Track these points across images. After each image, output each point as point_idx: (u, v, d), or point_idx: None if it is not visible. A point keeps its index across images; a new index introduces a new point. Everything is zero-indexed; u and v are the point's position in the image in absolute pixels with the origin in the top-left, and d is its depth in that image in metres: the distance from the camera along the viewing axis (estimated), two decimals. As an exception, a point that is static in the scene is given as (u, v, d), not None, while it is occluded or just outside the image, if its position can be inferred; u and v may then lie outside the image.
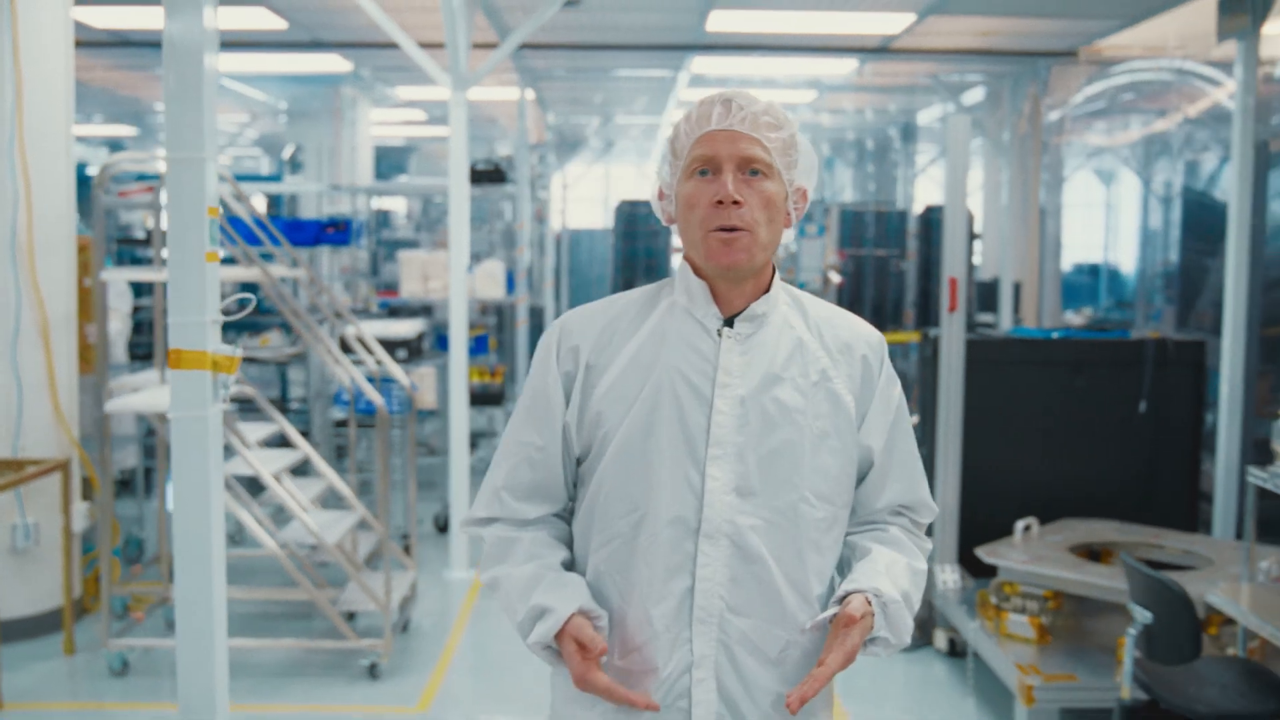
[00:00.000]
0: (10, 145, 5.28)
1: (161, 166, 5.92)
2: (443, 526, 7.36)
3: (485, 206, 10.92)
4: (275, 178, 11.28)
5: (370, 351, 6.02)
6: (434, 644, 5.47)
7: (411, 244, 11.35)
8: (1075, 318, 12.13)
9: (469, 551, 6.50)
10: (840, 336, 1.94)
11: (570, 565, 1.94)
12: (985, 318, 11.04)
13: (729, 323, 1.89)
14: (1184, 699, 3.46)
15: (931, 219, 10.75)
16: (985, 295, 11.35)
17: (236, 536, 7.01)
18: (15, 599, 5.39)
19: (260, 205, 9.66)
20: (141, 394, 5.20)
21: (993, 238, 11.65)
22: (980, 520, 5.42)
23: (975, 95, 11.71)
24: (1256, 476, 3.71)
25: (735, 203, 1.81)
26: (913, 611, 1.89)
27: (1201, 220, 8.35)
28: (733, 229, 1.82)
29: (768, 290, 1.92)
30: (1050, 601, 4.72)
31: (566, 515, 1.99)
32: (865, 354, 1.93)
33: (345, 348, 6.50)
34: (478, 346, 8.80)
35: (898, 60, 9.58)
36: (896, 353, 9.69)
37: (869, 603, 1.80)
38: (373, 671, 5.05)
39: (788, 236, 1.97)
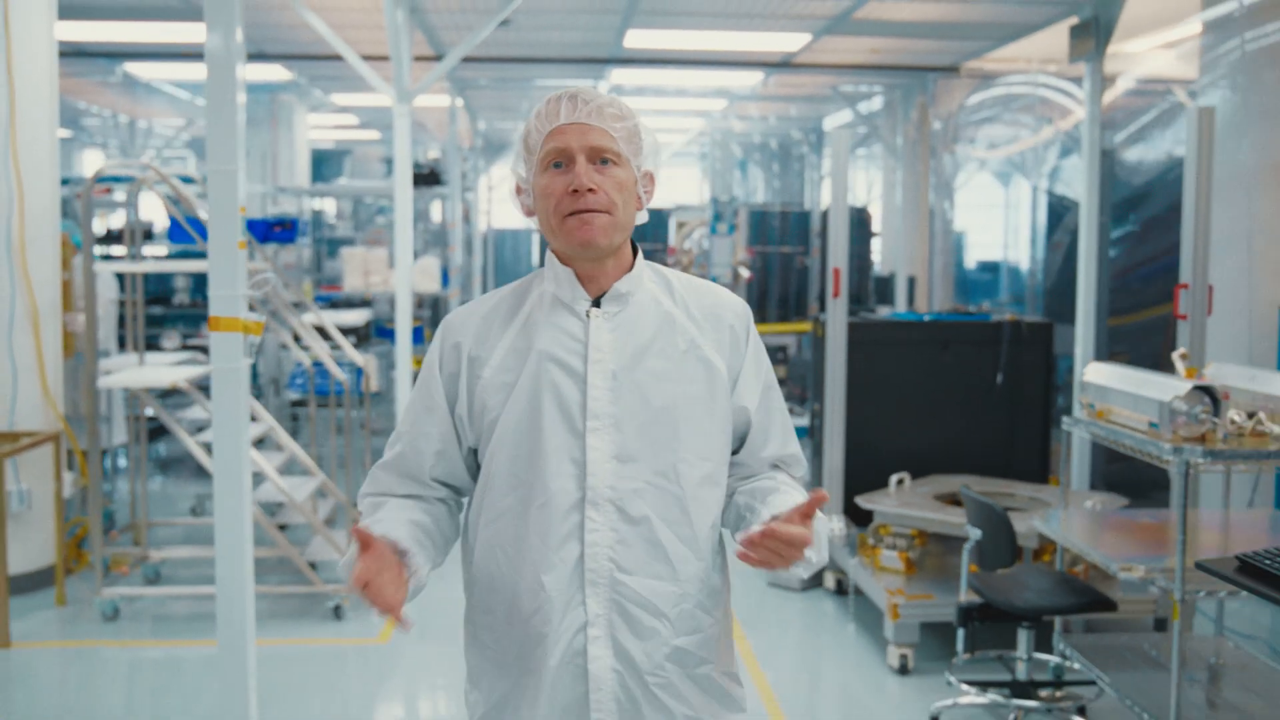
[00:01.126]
0: (4, 151, 5.92)
1: (136, 173, 6.60)
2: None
3: (416, 207, 11.64)
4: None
5: (328, 338, 6.74)
6: (388, 592, 6.21)
7: (347, 242, 12.03)
8: (971, 309, 13.11)
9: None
10: (706, 306, 2.07)
11: (428, 529, 2.04)
12: (884, 309, 11.98)
13: (597, 303, 2.01)
14: (1007, 598, 4.35)
15: (825, 217, 11.64)
16: (883, 288, 12.30)
17: (199, 509, 7.68)
18: (12, 557, 6.02)
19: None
20: (128, 372, 5.88)
21: (890, 235, 12.61)
22: (862, 477, 6.28)
23: (875, 104, 12.68)
24: (1067, 422, 4.62)
25: (590, 190, 1.93)
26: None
27: (1061, 220, 9.36)
28: (589, 210, 1.94)
29: (630, 270, 2.03)
30: (916, 539, 5.61)
31: (448, 500, 2.12)
32: (732, 322, 2.07)
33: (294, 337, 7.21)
34: (414, 336, 9.54)
35: (799, 73, 10.49)
36: (793, 342, 10.58)
37: None
38: (337, 613, 5.79)
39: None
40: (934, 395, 6.52)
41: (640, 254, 2.07)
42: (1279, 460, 3.81)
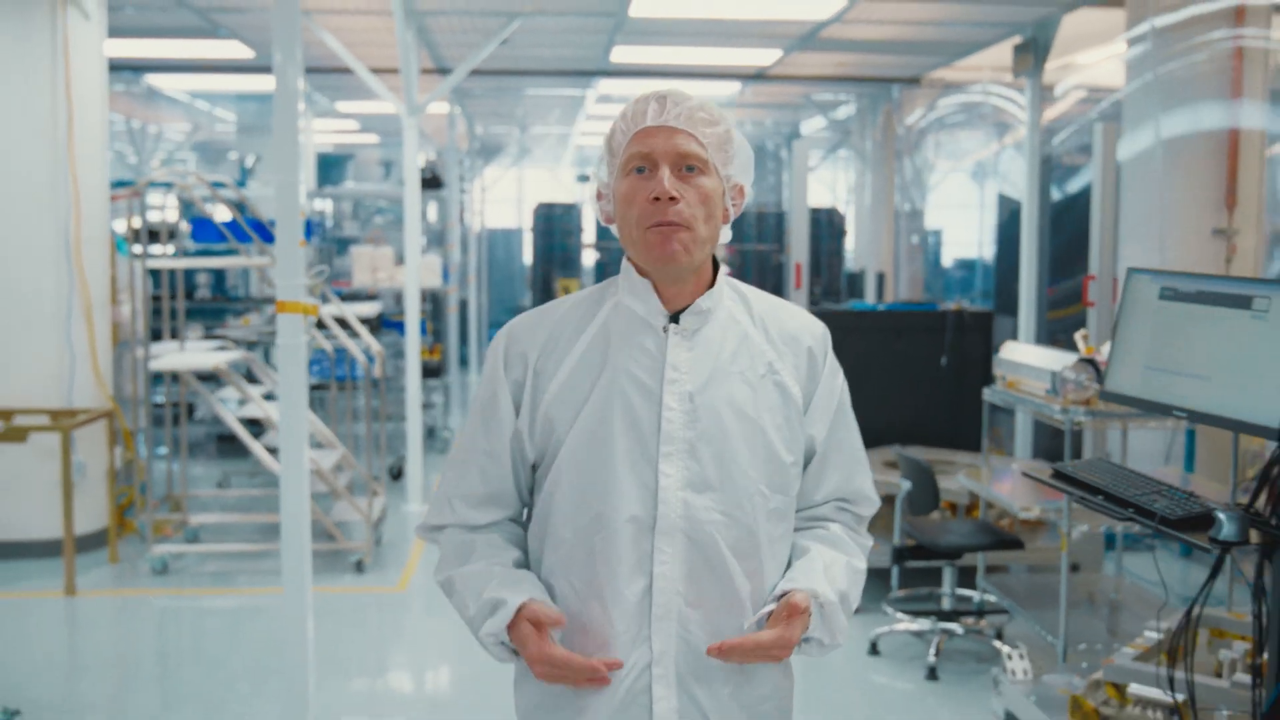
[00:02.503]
0: (63, 161, 6.70)
1: (175, 180, 7.40)
2: (396, 475, 8.88)
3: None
4: (240, 183, 12.67)
5: (347, 327, 7.54)
6: (401, 551, 7.02)
7: (350, 240, 12.81)
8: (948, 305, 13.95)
9: (422, 490, 8.03)
10: (785, 328, 1.94)
11: (524, 566, 1.96)
12: (855, 302, 12.80)
13: (674, 319, 1.88)
14: (933, 539, 5.17)
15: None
16: (854, 283, 13.13)
17: (224, 483, 8.47)
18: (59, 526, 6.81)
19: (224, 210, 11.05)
20: (175, 356, 6.68)
21: (862, 234, 13.44)
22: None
23: (847, 110, 13.51)
24: (987, 393, 5.44)
25: (672, 199, 1.81)
26: (849, 611, 1.90)
27: (1013, 221, 10.20)
28: (670, 224, 1.82)
29: (711, 286, 1.91)
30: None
31: (520, 520, 2.01)
32: (810, 345, 1.94)
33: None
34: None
35: (773, 84, 11.31)
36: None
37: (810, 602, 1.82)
38: (359, 567, 6.59)
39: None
40: (887, 376, 7.33)
41: (723, 266, 1.97)
42: (1143, 419, 4.63)
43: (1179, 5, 6.97)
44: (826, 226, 11.87)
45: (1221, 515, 2.52)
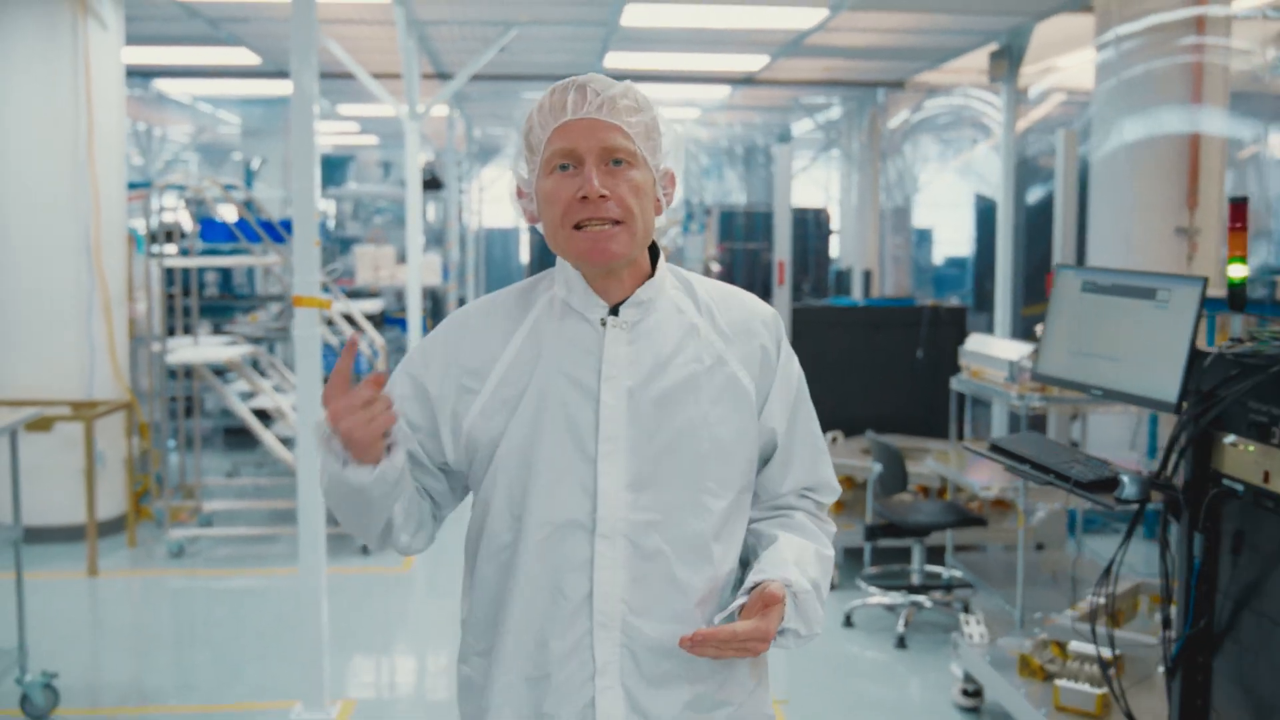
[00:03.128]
0: (84, 165, 7.06)
1: (191, 183, 7.76)
2: (398, 465, 9.25)
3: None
4: (246, 184, 13.05)
5: (353, 322, 7.90)
6: (405, 536, 7.39)
7: (352, 240, 13.19)
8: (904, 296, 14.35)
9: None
10: (734, 317, 1.85)
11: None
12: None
13: (614, 311, 1.79)
14: (903, 518, 5.55)
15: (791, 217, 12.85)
16: (842, 281, 13.50)
17: (233, 473, 8.83)
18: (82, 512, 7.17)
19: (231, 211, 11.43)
20: (191, 350, 7.05)
21: (849, 233, 13.81)
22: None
23: (835, 113, 13.88)
24: (954, 382, 5.81)
25: (602, 196, 1.71)
26: (822, 600, 1.81)
27: (989, 220, 10.58)
28: (602, 221, 1.72)
29: (651, 275, 1.82)
30: (844, 484, 6.80)
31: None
32: (763, 335, 1.85)
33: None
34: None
35: (761, 89, 11.68)
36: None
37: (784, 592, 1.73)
38: (365, 550, 6.96)
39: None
40: (865, 368, 7.71)
41: (663, 256, 1.86)
42: (1092, 403, 5.01)
43: (1143, 13, 7.34)
44: (814, 226, 12.24)
45: (1125, 478, 2.89)
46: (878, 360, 7.73)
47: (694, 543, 1.77)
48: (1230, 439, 2.93)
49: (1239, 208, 3.00)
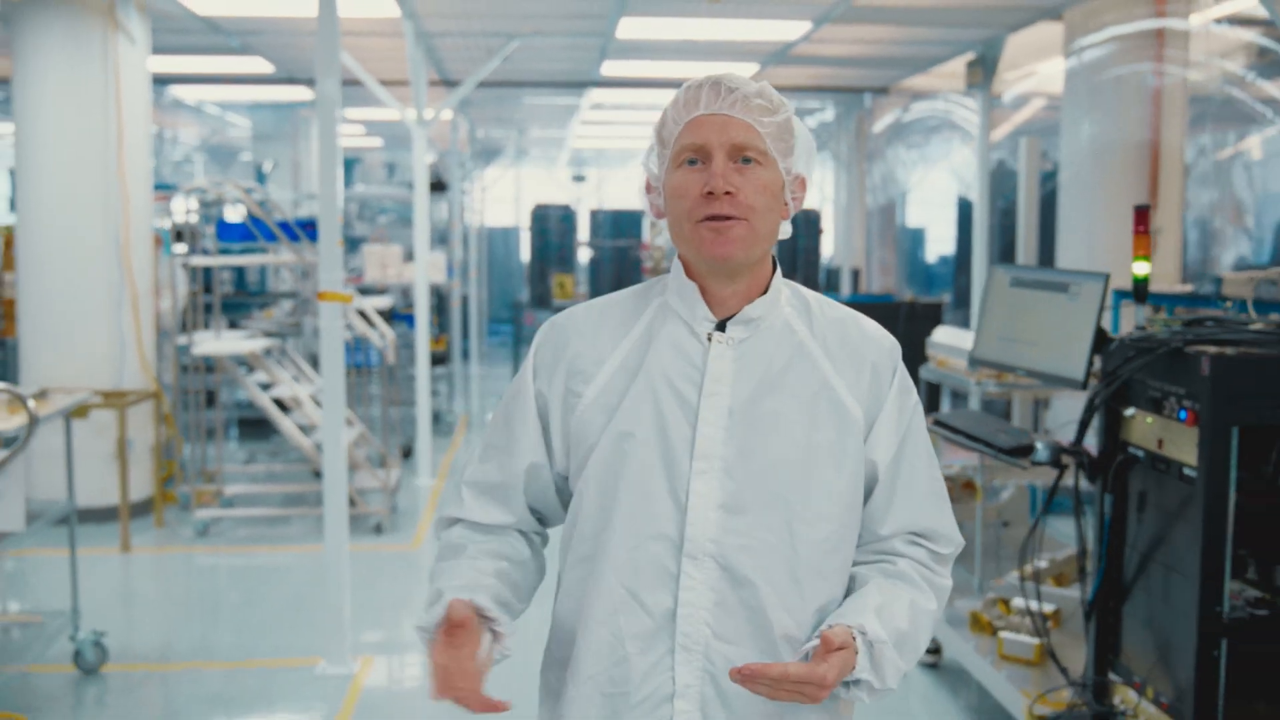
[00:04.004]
0: (113, 169, 7.56)
1: (211, 187, 8.26)
2: (406, 453, 9.75)
3: (411, 207, 13.32)
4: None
5: (365, 318, 8.40)
6: (414, 516, 7.89)
7: (361, 239, 13.68)
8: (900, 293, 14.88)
9: (430, 466, 8.90)
10: (848, 340, 1.79)
11: (512, 579, 1.82)
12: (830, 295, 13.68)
13: (721, 326, 1.76)
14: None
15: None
16: (832, 278, 14.01)
17: (250, 460, 9.33)
18: (115, 493, 7.68)
19: (239, 211, 11.94)
20: (214, 343, 7.55)
21: (839, 232, 14.31)
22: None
23: (827, 116, 14.38)
24: (923, 371, 6.30)
25: (728, 192, 1.68)
26: (911, 654, 1.72)
27: (969, 219, 11.09)
28: (726, 219, 1.69)
29: (765, 291, 1.78)
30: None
31: (532, 535, 1.90)
32: (875, 360, 1.78)
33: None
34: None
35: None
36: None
37: (853, 639, 1.64)
38: (378, 529, 7.46)
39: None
40: (846, 360, 8.20)
41: (779, 271, 1.82)
42: (1046, 390, 5.50)
43: (1106, 25, 7.83)
44: (804, 225, 12.74)
45: (1039, 444, 3.38)
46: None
47: (784, 574, 1.71)
48: (1130, 411, 3.43)
49: (1142, 214, 3.49)
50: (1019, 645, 4.36)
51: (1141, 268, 3.52)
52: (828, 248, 14.73)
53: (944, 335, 6.13)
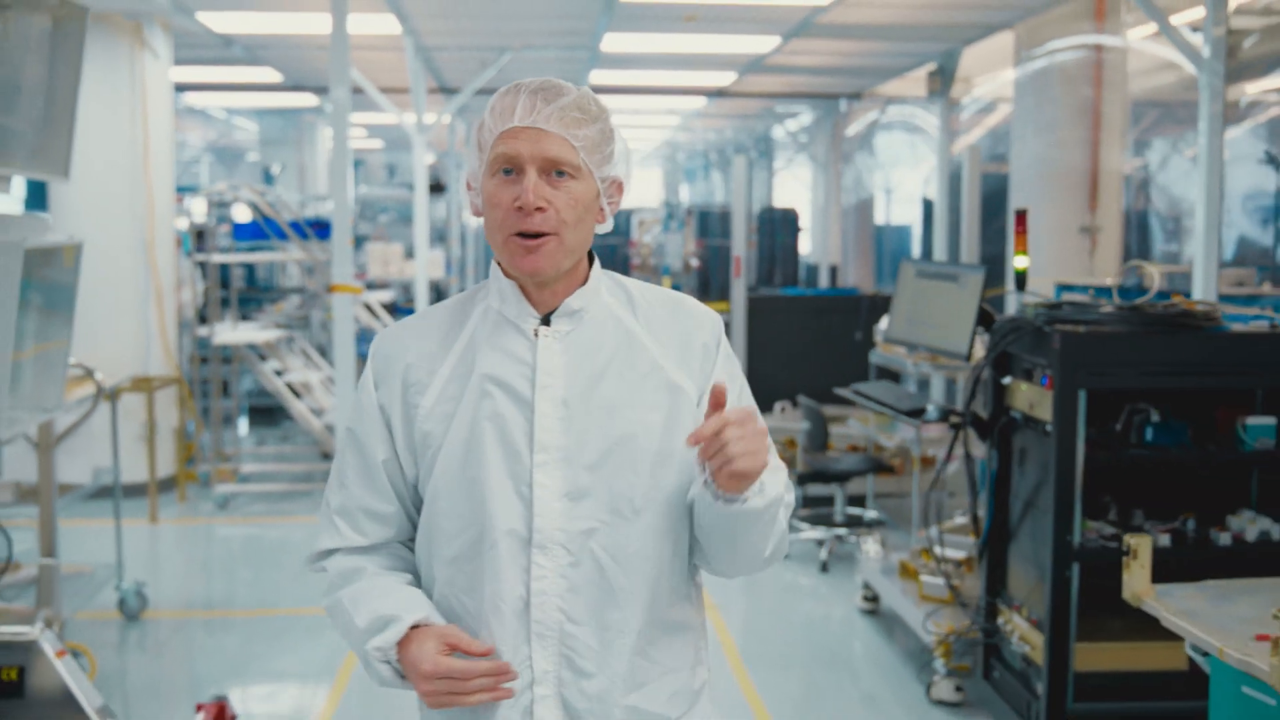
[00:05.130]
0: (140, 174, 8.27)
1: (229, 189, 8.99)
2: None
3: (412, 207, 14.04)
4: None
5: (370, 310, 9.12)
6: (415, 493, 8.60)
7: (363, 238, 14.39)
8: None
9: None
10: (671, 322, 1.86)
11: (414, 587, 1.86)
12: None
13: (546, 321, 1.80)
14: (825, 467, 6.76)
15: (763, 217, 14.07)
16: (812, 274, 14.70)
17: (261, 443, 10.05)
18: (145, 468, 8.40)
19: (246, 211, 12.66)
20: (234, 332, 8.27)
21: (818, 231, 15.03)
22: (759, 405, 8.68)
23: (807, 119, 15.10)
24: (872, 355, 7.02)
25: (539, 208, 1.71)
26: (781, 506, 1.79)
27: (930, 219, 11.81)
28: (535, 235, 1.72)
29: (585, 282, 1.83)
30: (788, 444, 8.01)
31: (408, 543, 1.91)
32: (701, 338, 1.86)
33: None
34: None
35: (732, 100, 12.89)
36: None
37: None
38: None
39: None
40: (810, 348, 8.91)
41: (597, 263, 1.87)
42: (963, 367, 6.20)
43: (1050, 39, 8.53)
44: (782, 224, 13.42)
45: (930, 407, 4.09)
46: (821, 341, 8.93)
47: (632, 549, 1.78)
48: (1008, 380, 4.15)
49: (1021, 216, 4.20)
50: (935, 587, 5.07)
51: (1022, 261, 4.23)
52: (806, 245, 15.42)
53: (885, 323, 6.84)
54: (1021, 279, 4.21)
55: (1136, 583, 3.02)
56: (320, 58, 10.66)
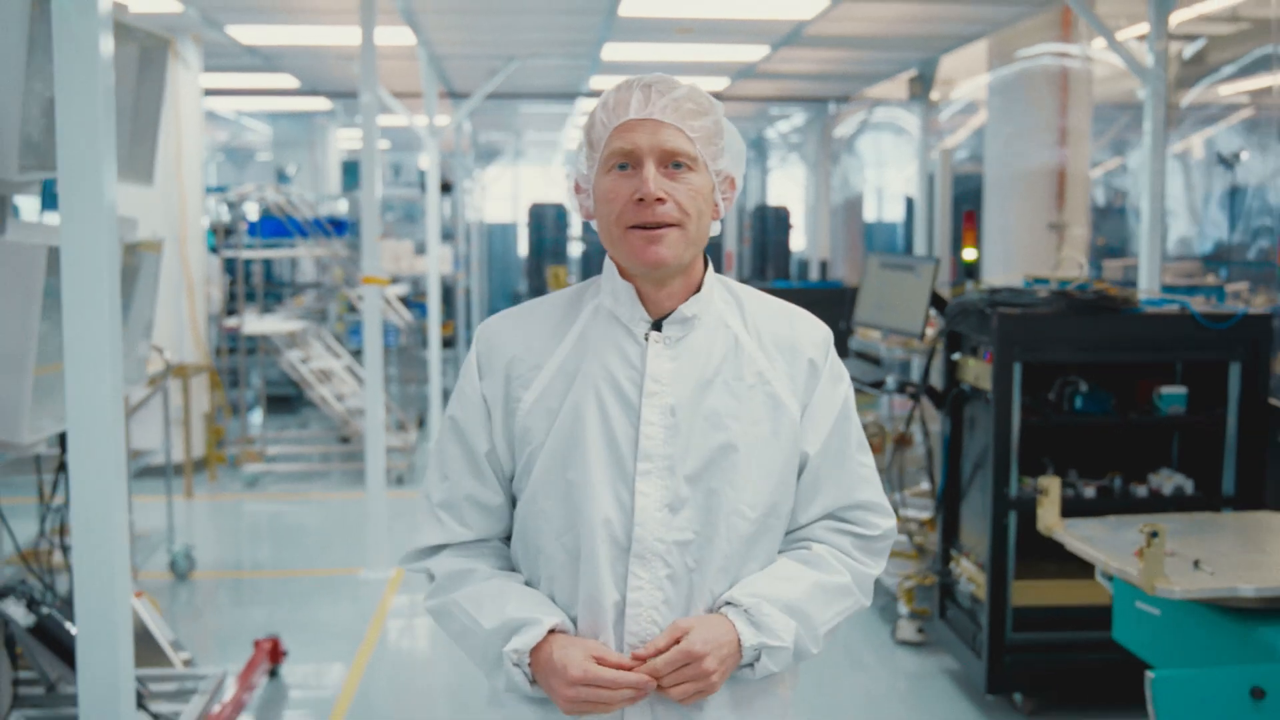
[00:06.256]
0: (173, 177, 8.90)
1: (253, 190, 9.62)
2: (420, 423, 11.10)
3: (422, 206, 14.66)
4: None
5: (387, 302, 9.75)
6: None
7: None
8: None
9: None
10: (780, 334, 1.83)
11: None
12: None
13: (657, 326, 1.78)
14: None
15: (757, 215, 14.74)
16: (804, 269, 15.36)
17: (283, 428, 10.68)
18: (178, 449, 9.02)
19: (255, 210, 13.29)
20: (260, 323, 8.91)
21: (811, 228, 15.67)
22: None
23: (799, 120, 15.74)
24: (852, 342, 7.65)
25: (659, 199, 1.69)
26: (806, 622, 1.77)
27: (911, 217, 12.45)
28: (656, 226, 1.70)
29: (699, 289, 1.80)
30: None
31: (508, 542, 1.88)
32: (809, 352, 1.83)
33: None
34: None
35: (729, 103, 13.52)
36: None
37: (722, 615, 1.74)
38: (399, 480, 8.81)
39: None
40: (799, 337, 9.55)
41: (710, 268, 1.85)
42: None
43: (1020, 47, 9.16)
44: (774, 221, 14.08)
45: (889, 379, 4.73)
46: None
47: (725, 564, 1.76)
48: (958, 356, 4.79)
49: (969, 215, 4.83)
50: (902, 543, 5.71)
51: (970, 254, 4.86)
52: (801, 241, 16.08)
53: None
54: (970, 269, 4.85)
55: (1048, 516, 3.66)
56: (335, 65, 11.29)
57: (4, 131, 3.12)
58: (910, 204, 12.60)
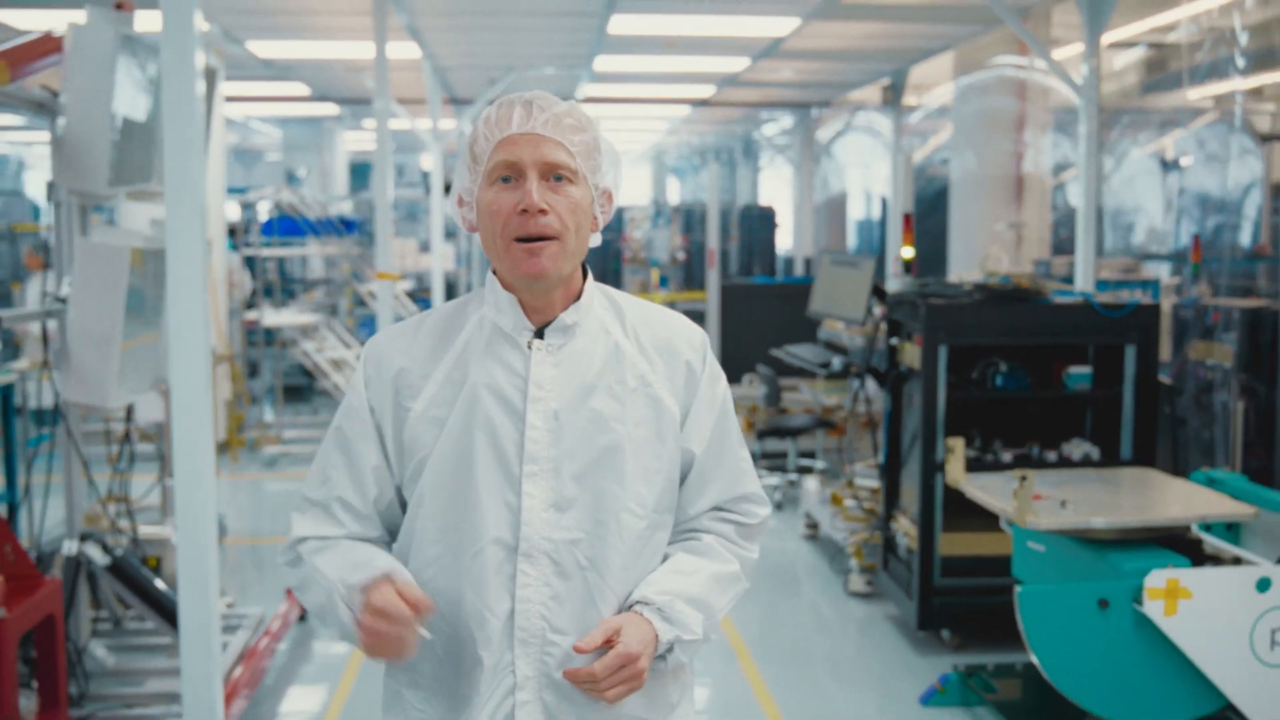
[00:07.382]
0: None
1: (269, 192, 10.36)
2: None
3: (423, 206, 15.39)
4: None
5: (396, 298, 10.48)
6: (434, 454, 9.99)
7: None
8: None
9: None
10: (660, 338, 1.90)
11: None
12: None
13: (540, 334, 1.84)
14: (779, 424, 8.13)
15: (744, 214, 15.45)
16: (789, 266, 16.08)
17: (296, 414, 11.41)
18: (201, 432, 9.77)
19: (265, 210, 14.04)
20: (277, 315, 9.65)
21: (795, 225, 16.41)
22: (728, 377, 10.07)
23: (787, 122, 16.47)
24: (820, 332, 8.39)
25: (541, 210, 1.75)
26: (708, 610, 1.86)
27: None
28: (539, 238, 1.76)
29: (579, 297, 1.87)
30: (753, 409, 9.38)
31: (385, 546, 1.93)
32: (686, 355, 1.90)
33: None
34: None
35: (715, 108, 14.26)
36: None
37: (638, 613, 1.80)
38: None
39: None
40: (775, 328, 10.20)
41: (590, 277, 1.90)
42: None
43: (984, 60, 9.89)
44: (760, 220, 14.80)
45: (834, 360, 5.45)
46: (785, 322, 10.25)
47: (614, 562, 1.82)
48: (896, 340, 5.53)
49: (908, 218, 5.56)
50: (855, 509, 6.45)
51: (909, 252, 5.60)
52: (787, 240, 16.81)
53: (832, 304, 8.21)
54: (908, 265, 5.58)
55: (954, 471, 4.39)
56: (344, 75, 12.05)
57: (97, 155, 3.85)
58: (885, 204, 13.34)
